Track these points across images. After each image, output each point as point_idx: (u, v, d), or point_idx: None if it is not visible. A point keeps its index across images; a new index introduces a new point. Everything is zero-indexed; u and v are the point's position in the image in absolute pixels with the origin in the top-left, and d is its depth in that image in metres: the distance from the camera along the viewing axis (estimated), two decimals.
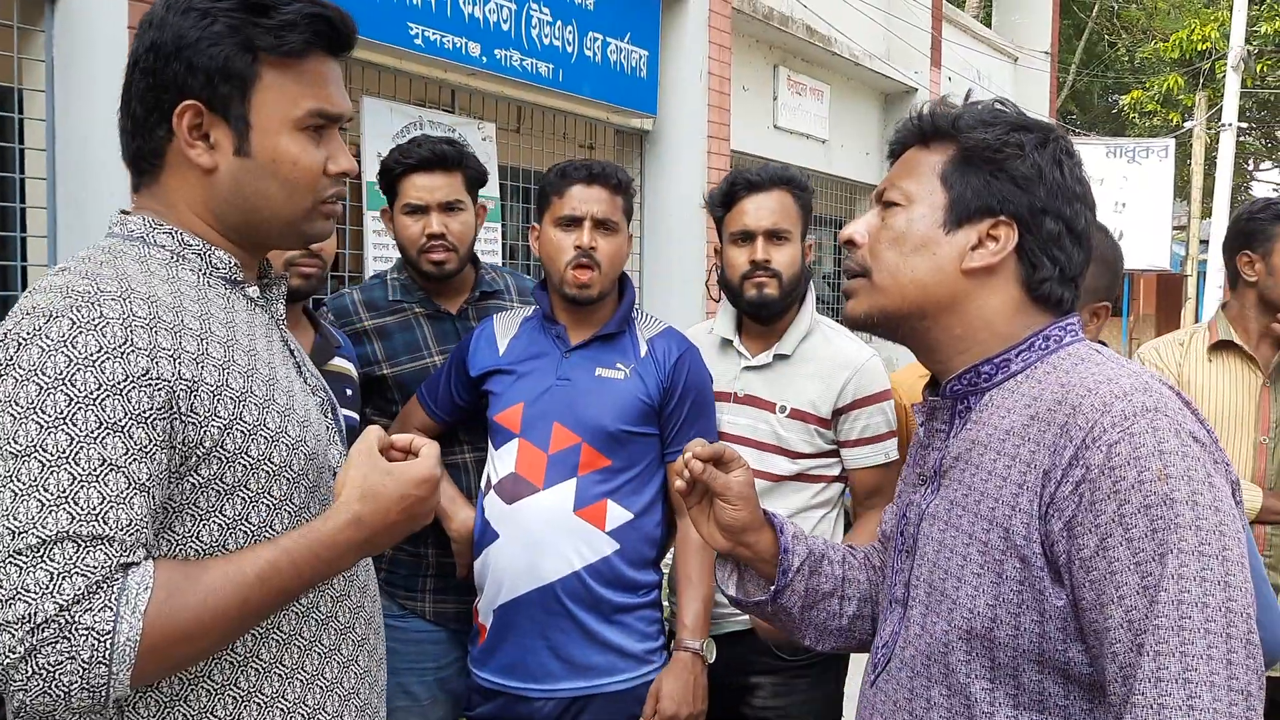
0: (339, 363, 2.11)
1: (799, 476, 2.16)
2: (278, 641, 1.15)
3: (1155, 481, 1.00)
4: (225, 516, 1.09)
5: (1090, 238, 1.21)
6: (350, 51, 1.24)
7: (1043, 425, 1.09)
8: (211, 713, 1.10)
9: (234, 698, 1.11)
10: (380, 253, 5.02)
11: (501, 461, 2.05)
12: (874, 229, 1.23)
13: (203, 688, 1.10)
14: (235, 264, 1.20)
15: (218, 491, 1.09)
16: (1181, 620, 0.97)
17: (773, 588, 1.32)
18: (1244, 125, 19.33)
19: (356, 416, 2.12)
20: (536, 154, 6.09)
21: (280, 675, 1.14)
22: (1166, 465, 1.00)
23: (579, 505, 1.98)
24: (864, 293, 1.23)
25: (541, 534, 1.97)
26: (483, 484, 2.11)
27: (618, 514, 2.00)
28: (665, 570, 2.19)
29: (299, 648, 1.17)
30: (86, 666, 0.92)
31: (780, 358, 2.19)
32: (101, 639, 0.93)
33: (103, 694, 0.94)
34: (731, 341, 2.25)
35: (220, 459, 1.08)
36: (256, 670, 1.13)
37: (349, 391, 2.11)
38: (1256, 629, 0.99)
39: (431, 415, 2.21)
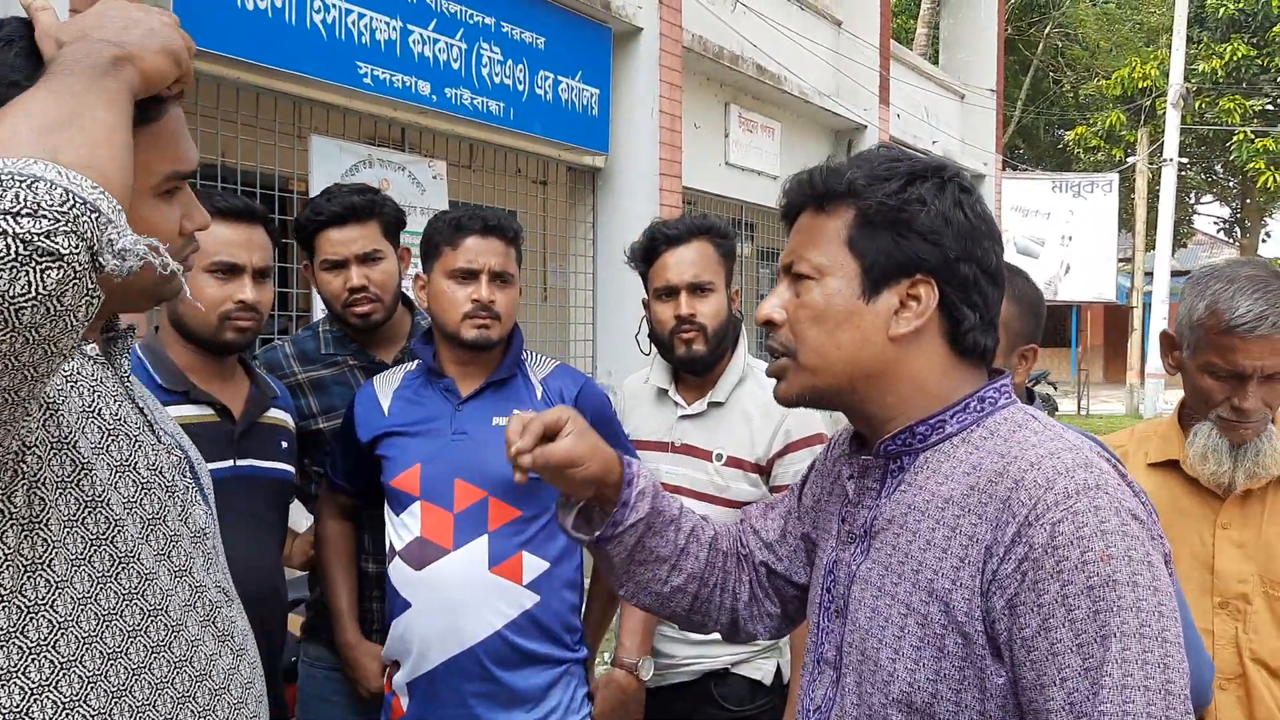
0: (275, 414, 2.06)
1: None
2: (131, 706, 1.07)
3: (1098, 563, 0.99)
4: (70, 552, 1.02)
5: (1002, 273, 1.19)
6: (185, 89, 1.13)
7: (984, 497, 1.07)
8: None
9: None
10: None
11: (404, 527, 1.97)
12: (790, 305, 1.19)
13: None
14: None
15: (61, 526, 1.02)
16: (1125, 705, 0.97)
17: (596, 533, 1.28)
18: (1185, 160, 19.88)
19: (291, 469, 2.06)
20: (489, 191, 6.08)
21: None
22: (1109, 546, 1.00)
23: (493, 562, 1.92)
24: (792, 373, 1.19)
25: (457, 597, 1.90)
26: (386, 552, 2.03)
27: (534, 564, 1.94)
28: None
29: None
30: None
31: (715, 405, 2.18)
32: None
33: None
34: (667, 391, 2.24)
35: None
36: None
37: (284, 444, 2.05)
38: (1190, 709, 1.00)
39: (347, 493, 2.15)
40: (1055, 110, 23.37)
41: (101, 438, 1.08)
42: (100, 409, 1.10)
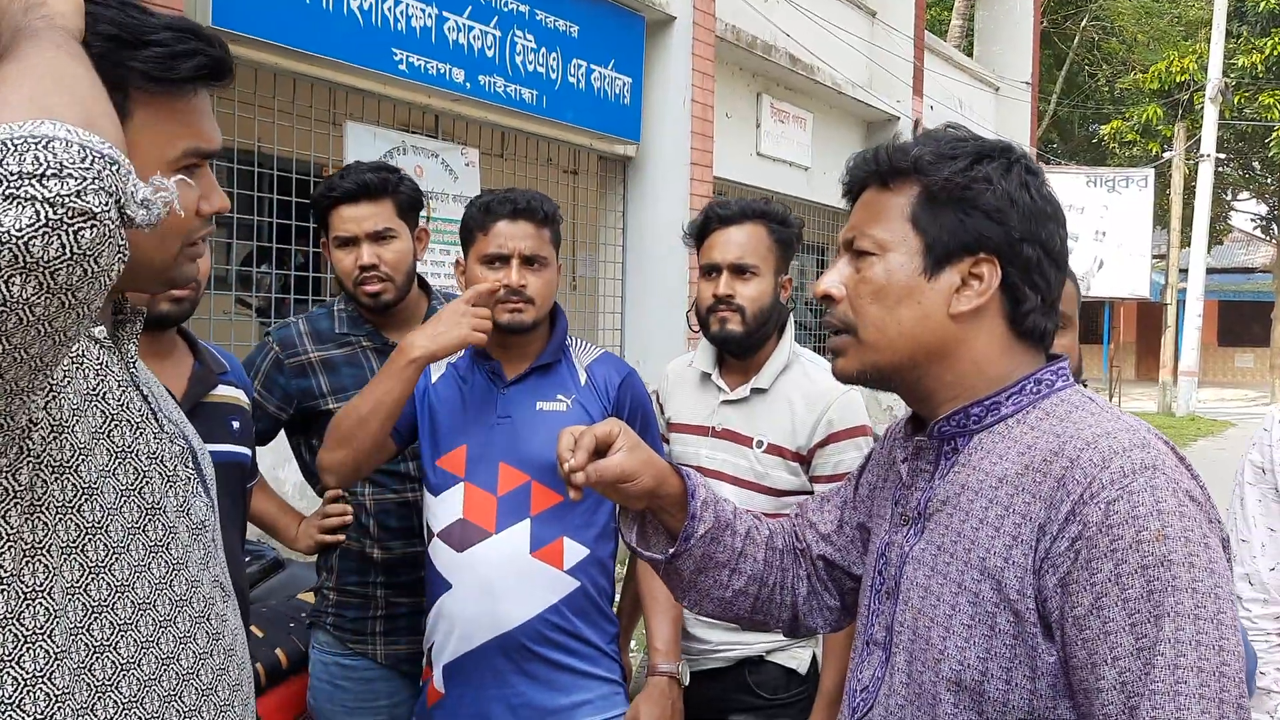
0: (225, 391, 1.94)
1: (780, 514, 2.14)
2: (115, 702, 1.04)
3: (1153, 542, 0.98)
4: (61, 539, 0.99)
5: (1066, 257, 1.19)
6: (228, 80, 1.13)
7: (1038, 476, 1.07)
8: None
9: None
10: None
11: (444, 507, 1.96)
12: (849, 280, 1.18)
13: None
14: None
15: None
16: (1177, 685, 0.96)
17: (670, 550, 1.28)
18: (1222, 156, 19.57)
19: (247, 451, 1.98)
20: (520, 179, 6.09)
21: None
22: (1164, 525, 0.99)
23: (535, 546, 1.91)
24: (852, 350, 1.18)
25: (499, 580, 1.89)
26: (424, 532, 2.02)
27: (574, 550, 1.94)
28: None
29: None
30: None
31: (757, 392, 2.16)
32: None
33: None
34: (710, 375, 2.23)
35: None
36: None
37: (235, 424, 1.94)
38: (1246, 693, 0.99)
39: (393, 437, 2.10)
40: (1090, 104, 23.10)
41: (103, 422, 1.05)
42: (104, 393, 1.07)
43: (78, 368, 1.04)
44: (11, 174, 0.78)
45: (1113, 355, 20.74)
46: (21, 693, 0.96)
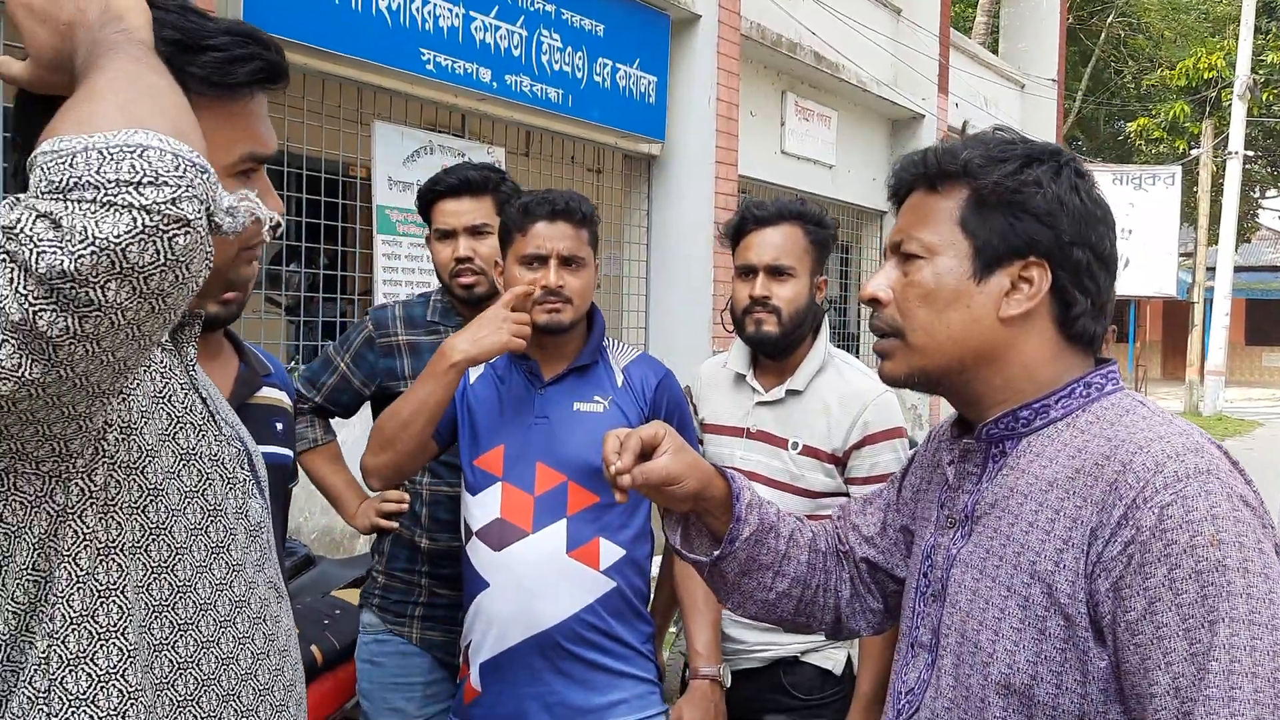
0: (268, 393, 1.96)
1: (815, 516, 2.14)
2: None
3: (1207, 547, 0.98)
4: (130, 539, 1.01)
5: (1116, 260, 1.18)
6: (284, 84, 1.14)
7: (1089, 480, 1.06)
8: None
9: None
10: (390, 275, 5.03)
11: (482, 507, 1.98)
12: (897, 284, 1.18)
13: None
14: None
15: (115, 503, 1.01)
16: (1232, 691, 0.95)
17: (715, 553, 1.29)
18: (1250, 153, 19.37)
19: (290, 453, 1.99)
20: (546, 178, 6.10)
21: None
22: (1219, 530, 0.98)
23: (572, 546, 1.93)
24: (900, 354, 1.18)
25: (536, 580, 1.91)
26: (462, 530, 2.05)
27: (611, 551, 1.95)
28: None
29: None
30: None
31: (792, 393, 2.16)
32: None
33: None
34: (744, 376, 2.23)
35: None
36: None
37: (279, 425, 1.95)
38: None
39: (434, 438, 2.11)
40: (1116, 101, 22.90)
41: (169, 425, 1.06)
42: (170, 396, 1.08)
43: (145, 370, 1.06)
44: (109, 181, 0.80)
45: (1138, 354, 20.56)
46: (95, 689, 0.98)
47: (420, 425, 1.96)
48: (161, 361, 1.10)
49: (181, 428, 1.08)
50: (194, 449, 1.09)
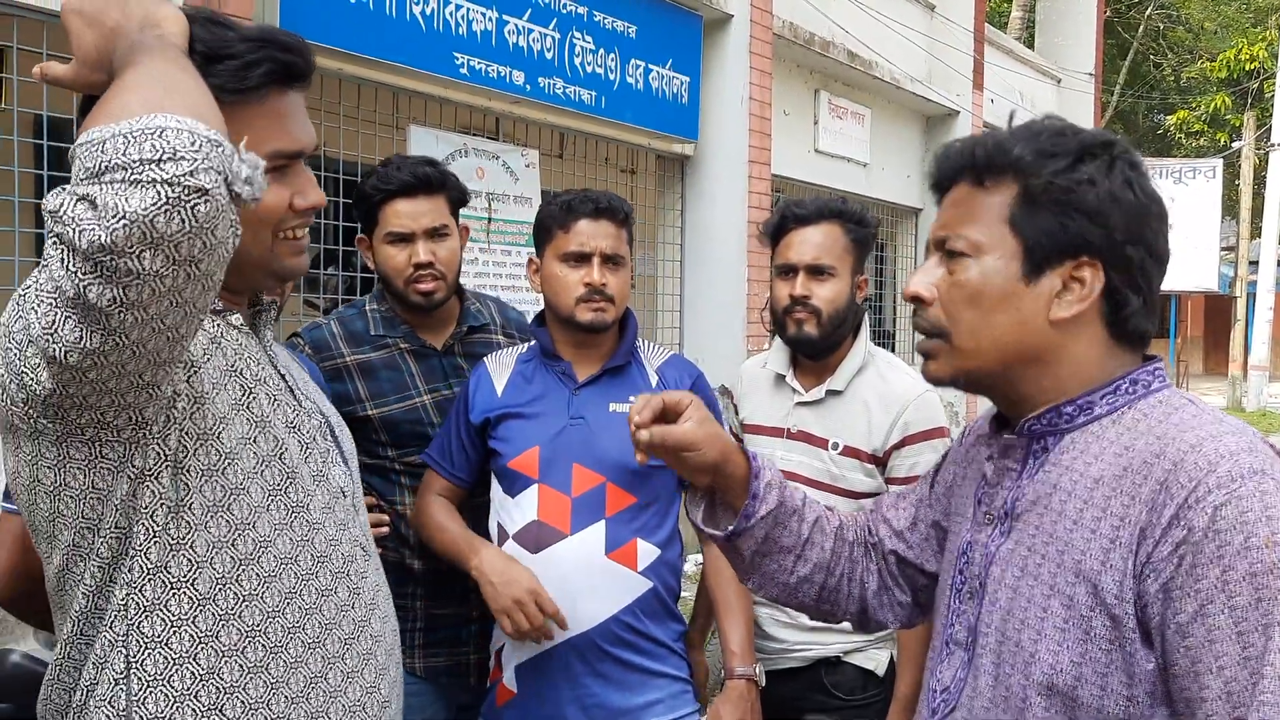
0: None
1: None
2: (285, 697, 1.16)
3: (1262, 549, 0.95)
4: (206, 499, 1.13)
5: (1168, 254, 1.14)
6: (309, 78, 1.22)
7: (1138, 478, 1.04)
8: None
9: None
10: None
11: (519, 509, 1.96)
12: (942, 282, 1.15)
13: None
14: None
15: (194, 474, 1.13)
16: None
17: (730, 528, 1.28)
18: None
19: None
20: (579, 180, 6.10)
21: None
22: (1274, 531, 0.96)
23: (610, 547, 1.92)
24: (944, 356, 1.15)
25: (574, 581, 1.90)
26: (494, 533, 2.02)
27: (647, 551, 1.95)
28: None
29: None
30: None
31: (833, 393, 2.15)
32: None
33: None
34: (784, 376, 2.22)
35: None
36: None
37: None
38: None
39: (453, 479, 2.07)
40: (1155, 94, 22.57)
41: (241, 395, 1.17)
42: (242, 369, 1.19)
43: (216, 347, 1.18)
44: (135, 161, 0.89)
45: (1180, 350, 20.25)
46: (168, 632, 1.11)
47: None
48: (235, 340, 1.21)
49: (255, 398, 1.19)
50: (267, 417, 1.19)
